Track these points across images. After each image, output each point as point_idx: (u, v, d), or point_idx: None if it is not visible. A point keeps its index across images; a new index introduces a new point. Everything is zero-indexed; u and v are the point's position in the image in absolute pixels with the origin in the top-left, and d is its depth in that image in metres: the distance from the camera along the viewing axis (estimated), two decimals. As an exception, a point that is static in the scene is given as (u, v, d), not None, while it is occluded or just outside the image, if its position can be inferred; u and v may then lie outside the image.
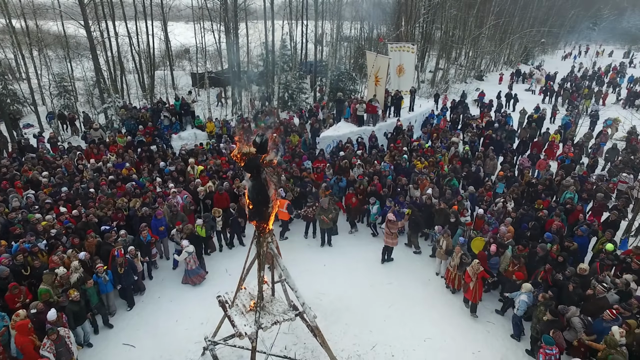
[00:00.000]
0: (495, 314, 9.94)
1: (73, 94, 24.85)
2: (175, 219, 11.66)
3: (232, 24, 25.08)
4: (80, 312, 8.47)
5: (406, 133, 18.22)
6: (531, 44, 47.00)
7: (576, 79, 33.78)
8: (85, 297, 8.72)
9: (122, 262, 9.46)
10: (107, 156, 15.34)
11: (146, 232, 10.70)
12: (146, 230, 10.75)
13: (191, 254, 10.44)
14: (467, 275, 9.47)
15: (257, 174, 5.96)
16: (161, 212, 11.39)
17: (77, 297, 8.30)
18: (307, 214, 12.54)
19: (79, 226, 10.77)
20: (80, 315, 8.49)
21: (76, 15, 23.49)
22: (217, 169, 14.42)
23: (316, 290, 10.32)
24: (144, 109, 19.29)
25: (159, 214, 11.32)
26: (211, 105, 24.14)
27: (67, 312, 8.14)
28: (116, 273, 9.48)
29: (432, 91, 30.61)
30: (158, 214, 11.32)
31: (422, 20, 32.53)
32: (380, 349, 8.85)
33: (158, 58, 31.39)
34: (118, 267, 9.44)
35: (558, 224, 10.83)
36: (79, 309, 8.41)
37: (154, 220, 11.27)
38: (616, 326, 7.50)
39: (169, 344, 8.90)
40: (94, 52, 22.18)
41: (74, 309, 8.30)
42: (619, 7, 69.84)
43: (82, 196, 12.37)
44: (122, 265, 9.46)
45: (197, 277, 10.75)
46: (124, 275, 9.57)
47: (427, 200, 12.36)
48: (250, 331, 6.71)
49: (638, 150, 16.52)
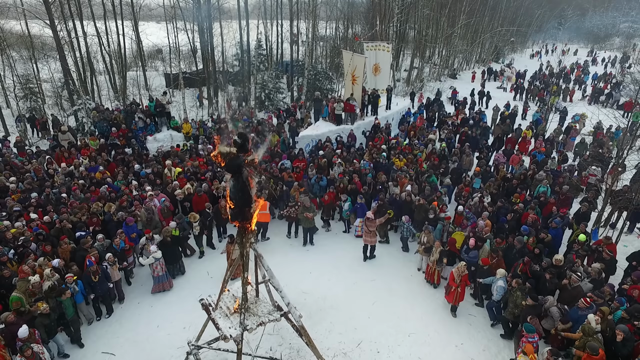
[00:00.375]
0: (476, 307, 10.15)
1: (40, 96, 23.88)
2: (149, 225, 11.21)
3: (205, 23, 24.67)
4: (51, 325, 8.07)
5: (384, 131, 18.39)
6: (501, 42, 48.32)
7: (544, 76, 34.96)
8: (60, 309, 8.30)
9: (95, 270, 9.08)
10: (79, 160, 14.81)
11: (118, 240, 10.23)
12: (120, 237, 10.32)
13: (158, 260, 10.05)
14: (452, 277, 9.51)
15: (238, 174, 5.86)
16: (132, 219, 10.95)
17: (46, 310, 7.86)
18: (290, 214, 12.47)
19: (52, 232, 10.38)
20: (51, 329, 8.08)
21: (41, 14, 22.61)
22: (194, 170, 14.15)
23: (300, 290, 10.28)
24: (117, 110, 18.71)
25: (129, 221, 10.88)
26: (191, 106, 23.70)
27: (38, 326, 7.73)
28: (89, 282, 9.04)
29: (407, 90, 31.04)
30: (128, 221, 10.88)
31: (396, 19, 32.89)
32: (365, 345, 8.89)
33: (130, 58, 30.54)
34: (91, 275, 9.03)
35: (533, 216, 11.17)
36: (49, 322, 7.99)
37: (125, 227, 10.82)
38: (592, 314, 7.78)
39: (150, 350, 8.67)
40: (62, 52, 21.37)
41: (44, 322, 7.89)
42: (581, 8, 72.78)
43: (54, 202, 11.90)
44: (95, 273, 9.08)
45: (166, 284, 10.42)
46: (99, 283, 9.16)
47: (407, 197, 12.51)
48: (236, 333, 6.60)
49: (604, 144, 17.22)
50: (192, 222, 11.44)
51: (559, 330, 8.05)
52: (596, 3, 75.20)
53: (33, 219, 10.70)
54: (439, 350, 8.83)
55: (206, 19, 24.23)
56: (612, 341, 7.45)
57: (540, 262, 9.52)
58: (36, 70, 24.76)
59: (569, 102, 28.12)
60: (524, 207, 11.80)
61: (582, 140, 18.17)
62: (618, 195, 12.16)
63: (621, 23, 69.52)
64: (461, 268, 9.31)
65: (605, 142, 17.52)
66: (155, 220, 11.54)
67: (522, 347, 7.54)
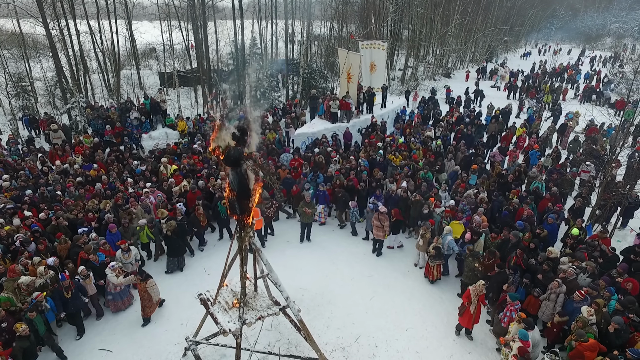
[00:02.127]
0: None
1: (32, 94, 23.61)
2: (126, 234, 10.61)
3: (200, 22, 24.58)
4: (31, 348, 7.50)
5: (379, 129, 18.45)
6: (494, 42, 48.64)
7: (537, 75, 35.26)
8: (32, 326, 7.63)
9: (69, 286, 8.39)
10: (73, 157, 14.68)
11: (95, 256, 9.36)
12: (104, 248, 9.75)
13: (131, 262, 9.69)
14: (467, 295, 8.55)
15: (237, 166, 5.85)
16: (114, 226, 10.43)
17: (25, 331, 7.30)
18: (268, 215, 12.30)
19: (48, 230, 10.29)
20: (30, 351, 7.54)
21: (33, 12, 22.38)
22: (190, 167, 14.10)
23: (298, 286, 10.25)
24: (111, 108, 18.57)
25: (111, 228, 10.36)
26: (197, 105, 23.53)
27: (16, 350, 7.24)
28: (61, 298, 8.33)
29: (402, 88, 31.16)
30: (111, 228, 10.36)
31: (391, 18, 33.01)
32: (363, 340, 8.91)
33: (123, 57, 30.31)
34: (64, 291, 8.32)
35: (529, 211, 11.28)
36: (29, 345, 7.43)
37: (109, 235, 10.31)
38: (585, 306, 7.87)
39: (147, 347, 8.62)
40: (54, 50, 21.17)
41: (23, 345, 7.34)
42: (573, 8, 73.56)
43: (48, 199, 11.79)
44: (68, 288, 8.36)
45: (123, 302, 9.52)
46: (72, 299, 8.44)
47: (403, 193, 12.56)
48: (235, 327, 6.58)
49: (597, 141, 17.41)
50: (160, 220, 10.91)
51: (555, 322, 8.13)
52: (587, 4, 76.05)
53: (27, 216, 10.59)
54: (436, 344, 8.88)
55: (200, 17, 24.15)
56: (607, 332, 7.55)
57: (536, 257, 9.61)
58: (28, 69, 24.46)
59: (562, 100, 28.38)
60: (519, 203, 11.90)
61: (575, 138, 18.36)
62: (611, 191, 12.30)
63: (612, 24, 70.42)
64: (479, 287, 8.33)
65: (599, 139, 17.72)
66: (132, 227, 10.91)
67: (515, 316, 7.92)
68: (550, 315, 8.41)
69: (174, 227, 10.45)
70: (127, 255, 9.87)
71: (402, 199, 12.49)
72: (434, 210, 11.91)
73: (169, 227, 10.42)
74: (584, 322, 7.53)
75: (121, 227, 10.71)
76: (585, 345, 7.11)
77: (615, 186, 12.45)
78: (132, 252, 9.97)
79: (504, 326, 8.28)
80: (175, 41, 28.78)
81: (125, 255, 9.85)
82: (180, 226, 10.73)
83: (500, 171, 14.34)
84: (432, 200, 12.17)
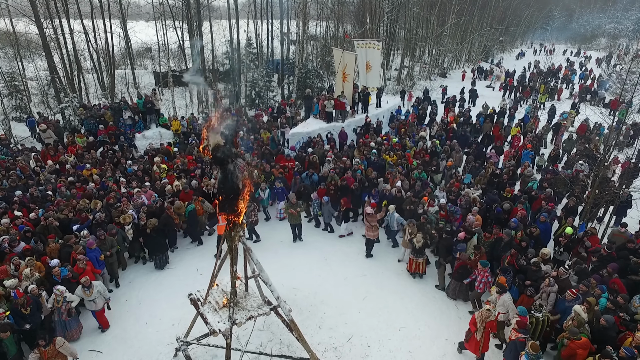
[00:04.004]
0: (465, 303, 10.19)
1: (25, 93, 23.45)
2: (103, 247, 9.72)
3: (195, 21, 24.48)
4: None
5: (374, 129, 18.44)
6: (490, 42, 48.76)
7: (533, 75, 35.37)
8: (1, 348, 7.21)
9: (24, 303, 7.82)
10: (66, 157, 14.57)
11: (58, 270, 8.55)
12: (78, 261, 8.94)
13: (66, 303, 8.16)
14: (472, 322, 8.04)
15: (225, 165, 5.81)
16: (92, 242, 9.49)
17: None
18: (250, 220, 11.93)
19: (37, 230, 10.18)
20: None
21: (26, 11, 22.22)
22: (183, 167, 14.03)
23: (290, 286, 10.23)
24: (104, 107, 18.44)
25: (90, 245, 9.43)
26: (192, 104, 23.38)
27: None
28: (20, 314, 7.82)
29: (398, 88, 31.15)
30: (89, 245, 9.42)
31: (387, 18, 33.01)
32: (356, 340, 8.88)
33: (118, 56, 30.16)
34: (20, 307, 7.80)
35: (522, 212, 11.29)
36: None
37: (89, 251, 9.39)
38: (577, 305, 7.86)
39: (138, 347, 8.55)
40: (47, 49, 21.03)
41: None
42: (568, 9, 73.92)
43: (39, 199, 11.69)
44: (24, 305, 7.82)
45: (75, 331, 8.58)
46: (30, 315, 7.90)
47: (397, 192, 12.55)
48: (224, 327, 6.53)
49: (592, 140, 17.47)
50: (124, 226, 10.47)
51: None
52: (583, 4, 76.44)
53: (17, 216, 10.50)
54: (429, 344, 8.86)
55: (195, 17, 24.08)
56: (598, 331, 7.55)
57: (525, 255, 9.63)
58: (21, 68, 24.29)
59: (557, 100, 28.46)
60: (514, 202, 11.91)
61: (569, 137, 18.41)
62: (605, 190, 12.32)
63: (606, 24, 70.79)
64: (485, 313, 7.75)
65: (592, 138, 17.77)
66: (109, 239, 10.05)
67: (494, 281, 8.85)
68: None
69: (154, 225, 10.37)
70: (88, 292, 8.38)
71: (396, 198, 12.48)
72: (427, 210, 11.90)
73: (150, 225, 10.33)
74: (579, 322, 7.53)
75: (97, 240, 9.79)
76: (577, 343, 7.11)
77: (608, 185, 12.48)
78: (94, 288, 8.48)
79: (480, 292, 9.34)
80: (170, 40, 28.68)
81: (87, 291, 8.36)
82: (166, 218, 10.69)
83: (494, 171, 14.35)
84: (426, 200, 12.17)
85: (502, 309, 8.31)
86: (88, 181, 12.86)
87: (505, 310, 8.28)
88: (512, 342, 7.49)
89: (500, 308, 8.33)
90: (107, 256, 9.85)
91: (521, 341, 7.26)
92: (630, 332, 7.46)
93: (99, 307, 8.65)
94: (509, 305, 8.25)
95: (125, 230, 10.61)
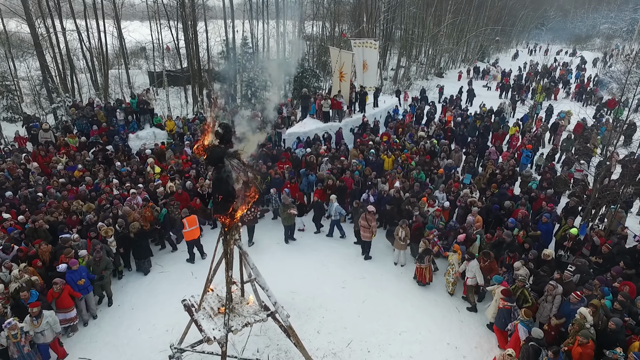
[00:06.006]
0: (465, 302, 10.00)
1: (17, 93, 23.04)
2: (97, 268, 9.06)
3: (190, 21, 24.17)
4: None
5: (371, 129, 18.23)
6: (486, 42, 48.73)
7: (529, 74, 35.33)
8: None
9: None
10: (57, 158, 14.24)
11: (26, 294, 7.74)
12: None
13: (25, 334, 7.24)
14: None
15: (220, 165, 5.56)
16: (75, 261, 8.66)
17: None
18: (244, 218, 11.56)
19: (26, 233, 9.88)
20: None
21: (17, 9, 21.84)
22: (178, 168, 13.74)
23: (288, 290, 9.98)
24: (97, 107, 18.10)
25: (72, 264, 8.55)
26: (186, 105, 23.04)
27: None
28: None
29: (394, 88, 30.98)
30: (72, 264, 8.55)
31: (383, 18, 32.85)
32: (355, 345, 8.64)
33: (112, 56, 29.78)
34: None
35: (524, 212, 11.12)
36: None
37: (69, 273, 8.49)
38: (583, 308, 7.68)
39: (130, 354, 8.27)
40: (39, 47, 20.65)
41: None
42: (563, 9, 74.15)
43: (30, 201, 11.36)
44: None
45: None
46: None
47: (396, 193, 12.34)
48: (220, 335, 6.27)
49: (590, 139, 17.37)
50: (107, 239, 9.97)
51: (552, 324, 7.93)
52: (577, 5, 76.70)
53: (6, 218, 10.18)
54: (430, 349, 8.63)
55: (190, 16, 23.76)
56: (603, 334, 7.37)
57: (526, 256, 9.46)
58: (13, 68, 23.87)
59: (554, 100, 28.41)
60: (514, 203, 11.74)
61: (568, 136, 18.30)
62: (606, 190, 12.17)
63: (601, 24, 71.04)
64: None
65: (592, 137, 17.68)
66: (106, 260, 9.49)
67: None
68: (548, 317, 8.22)
69: (137, 229, 10.10)
70: (36, 323, 7.38)
71: (394, 199, 12.28)
72: (427, 211, 11.70)
73: (132, 229, 10.04)
74: (580, 325, 7.34)
75: (92, 260, 9.14)
76: (587, 346, 6.90)
77: (609, 185, 12.34)
78: (43, 319, 7.45)
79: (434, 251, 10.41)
80: (165, 40, 28.33)
81: (35, 321, 7.37)
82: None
83: (493, 170, 14.18)
84: (425, 200, 11.97)
85: (470, 274, 9.40)
86: (80, 182, 12.54)
87: (473, 275, 9.36)
88: (500, 310, 8.32)
89: (469, 273, 9.43)
90: (102, 276, 9.22)
91: (507, 309, 8.12)
92: (637, 336, 7.31)
93: (47, 341, 7.61)
94: (476, 271, 9.30)
95: (108, 243, 9.98)
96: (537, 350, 7.12)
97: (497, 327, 8.56)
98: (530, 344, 7.22)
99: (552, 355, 6.76)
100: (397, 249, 11.21)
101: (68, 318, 8.43)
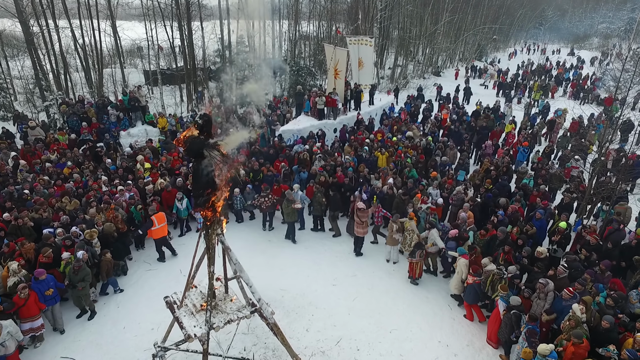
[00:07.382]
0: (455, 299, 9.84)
1: (9, 91, 22.86)
2: (74, 278, 8.41)
3: (185, 20, 24.01)
4: None
5: (365, 126, 18.08)
6: (484, 40, 48.62)
7: (526, 73, 35.23)
8: None
9: None
10: (47, 156, 14.05)
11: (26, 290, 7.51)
12: None
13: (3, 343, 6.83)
14: None
15: (199, 157, 5.39)
16: (42, 271, 8.08)
17: None
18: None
19: (10, 231, 9.68)
20: None
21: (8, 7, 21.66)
22: (167, 165, 13.56)
23: (278, 287, 9.84)
24: (88, 104, 17.90)
25: (38, 274, 7.96)
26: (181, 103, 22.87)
27: None
28: None
29: (391, 87, 30.84)
30: (38, 274, 7.96)
31: (380, 16, 32.68)
32: (345, 343, 8.47)
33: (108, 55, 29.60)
34: None
35: (513, 207, 11.00)
36: None
37: (34, 283, 7.90)
38: (576, 304, 7.52)
39: (114, 354, 8.09)
40: (32, 45, 20.45)
41: None
42: (561, 9, 74.08)
43: (16, 199, 11.17)
44: None
45: None
46: None
47: (389, 190, 12.19)
48: (201, 332, 6.10)
49: (586, 136, 17.24)
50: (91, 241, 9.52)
51: (544, 320, 7.78)
52: (575, 4, 76.66)
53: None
54: (421, 346, 8.47)
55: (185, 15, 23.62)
56: (596, 331, 7.21)
57: (521, 252, 9.31)
58: (6, 66, 23.69)
59: (551, 98, 28.29)
60: (509, 200, 11.60)
61: (564, 134, 18.17)
62: (601, 186, 12.03)
63: (599, 24, 71.00)
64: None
65: (589, 133, 17.55)
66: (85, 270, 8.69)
67: None
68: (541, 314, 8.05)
69: (114, 230, 9.88)
70: None
71: (388, 196, 12.13)
72: (420, 207, 11.54)
73: (108, 229, 9.81)
74: (577, 321, 7.18)
75: (70, 269, 8.52)
76: (582, 346, 6.73)
77: (604, 181, 12.20)
78: (3, 329, 6.88)
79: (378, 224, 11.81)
80: (161, 39, 28.18)
81: None
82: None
83: (488, 167, 14.03)
84: (419, 197, 11.82)
85: (431, 241, 10.20)
86: (68, 179, 12.36)
87: (433, 242, 10.16)
88: (470, 286, 8.82)
89: (430, 241, 10.21)
90: (74, 286, 8.50)
91: (477, 283, 8.67)
92: (630, 333, 7.15)
93: (9, 352, 7.03)
94: (435, 238, 10.12)
95: (92, 245, 9.51)
96: (518, 317, 7.57)
97: (467, 302, 9.15)
98: (512, 312, 7.62)
99: (529, 319, 7.24)
100: (388, 246, 11.04)
101: (35, 327, 7.89)
